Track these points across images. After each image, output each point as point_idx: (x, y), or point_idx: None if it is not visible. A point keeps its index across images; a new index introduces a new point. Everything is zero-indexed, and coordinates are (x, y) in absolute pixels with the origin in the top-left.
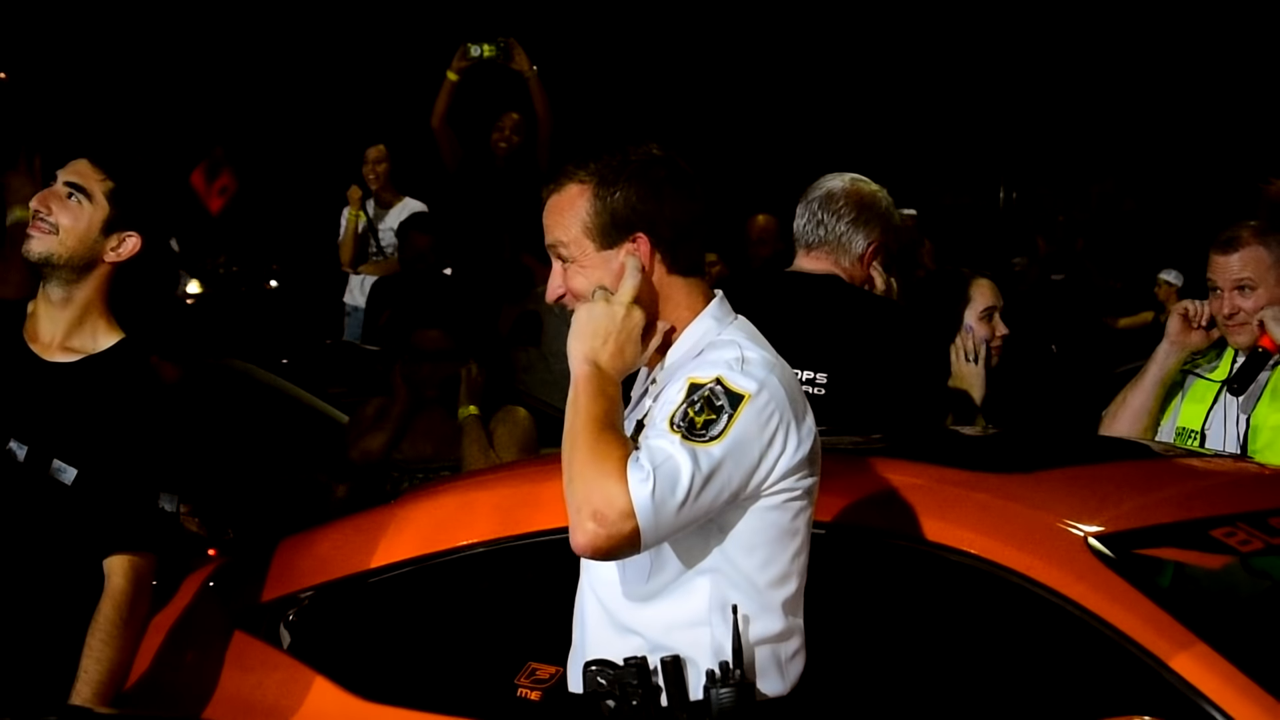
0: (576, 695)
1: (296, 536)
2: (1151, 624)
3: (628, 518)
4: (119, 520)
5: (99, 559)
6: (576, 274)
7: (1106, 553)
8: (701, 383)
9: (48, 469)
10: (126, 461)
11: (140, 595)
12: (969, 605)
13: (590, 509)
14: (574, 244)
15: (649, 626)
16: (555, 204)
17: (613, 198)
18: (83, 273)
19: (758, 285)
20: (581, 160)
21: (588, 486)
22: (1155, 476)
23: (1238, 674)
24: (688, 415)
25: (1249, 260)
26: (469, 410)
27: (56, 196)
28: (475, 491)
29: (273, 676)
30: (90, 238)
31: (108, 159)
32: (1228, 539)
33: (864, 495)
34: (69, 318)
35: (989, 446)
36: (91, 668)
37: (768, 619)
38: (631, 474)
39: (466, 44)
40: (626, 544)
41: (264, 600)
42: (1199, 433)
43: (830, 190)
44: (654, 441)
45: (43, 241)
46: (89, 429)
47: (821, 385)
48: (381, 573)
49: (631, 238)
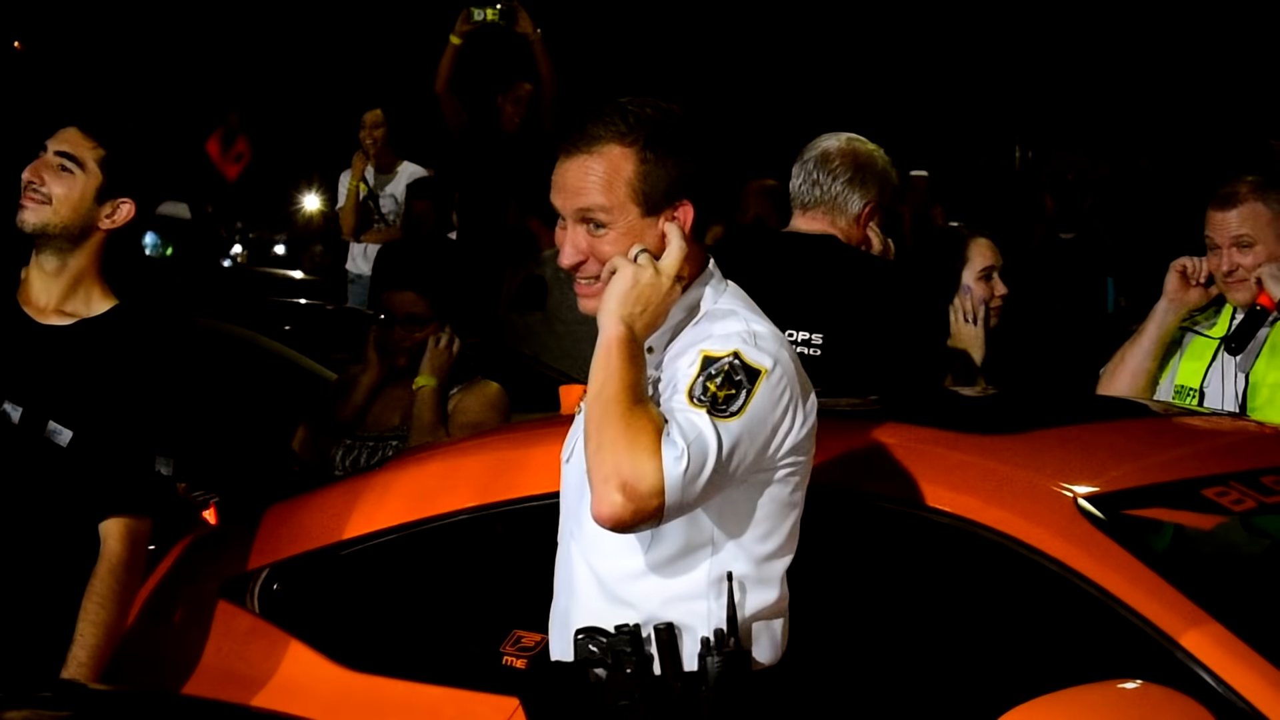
0: (563, 663)
1: (281, 504)
2: (1141, 586)
3: (657, 494)
4: (115, 483)
5: (94, 522)
6: (613, 240)
7: (1096, 514)
8: (717, 355)
9: (43, 431)
10: (123, 423)
11: (136, 559)
12: (957, 568)
13: (619, 480)
14: (617, 209)
15: (645, 599)
16: (590, 166)
17: (663, 160)
18: (77, 241)
19: (753, 245)
20: (611, 116)
21: (618, 457)
22: (1147, 436)
23: (1230, 636)
24: (708, 389)
25: (1247, 216)
26: (426, 382)
27: (48, 166)
28: (460, 458)
29: (257, 645)
30: (84, 206)
31: (98, 126)
32: (1220, 498)
33: (850, 457)
34: (63, 284)
35: (980, 407)
36: (87, 631)
37: (764, 590)
38: (666, 451)
39: (469, 7)
40: (650, 519)
41: (249, 568)
42: (1198, 390)
43: (826, 150)
44: (681, 415)
45: (36, 212)
46: (85, 390)
47: (817, 346)
48: (366, 540)
49: (677, 204)
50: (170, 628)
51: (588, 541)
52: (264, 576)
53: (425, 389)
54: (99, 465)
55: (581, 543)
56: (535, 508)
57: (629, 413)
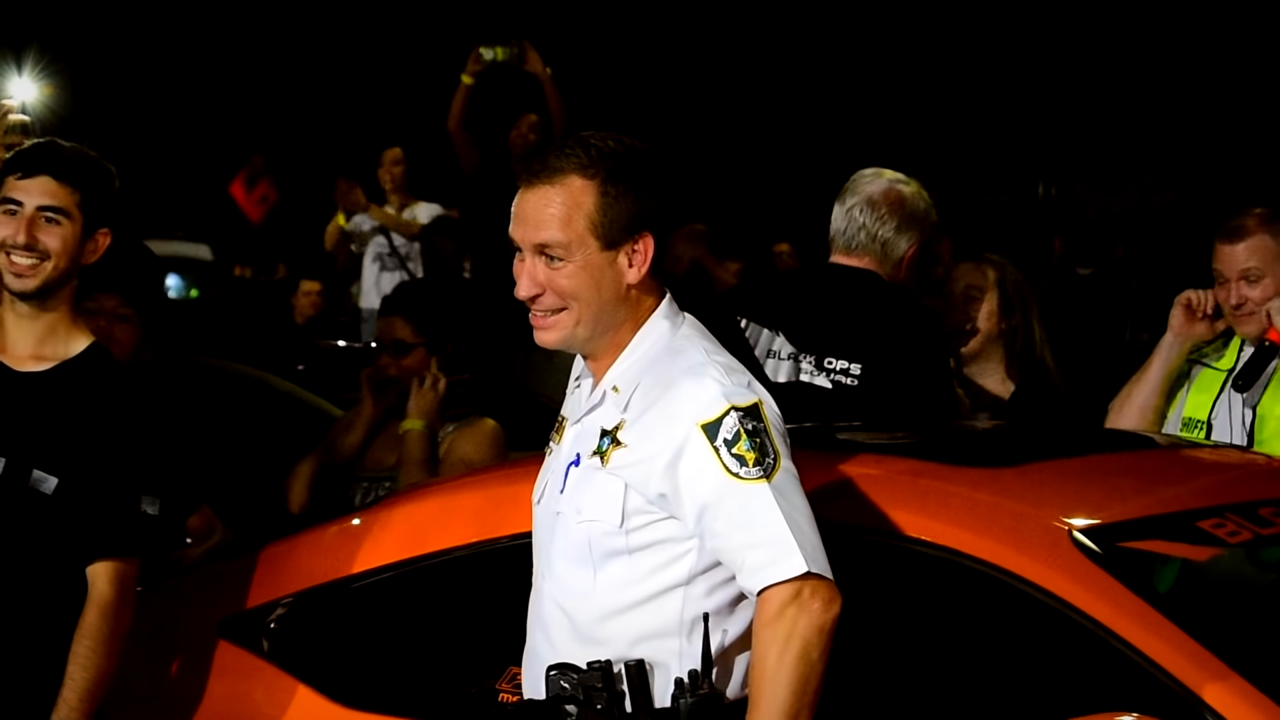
0: (535, 701)
1: (278, 542)
2: (1136, 619)
3: (824, 587)
4: (102, 526)
5: (82, 566)
6: (571, 273)
7: (1092, 546)
8: (715, 418)
9: (27, 480)
10: (108, 466)
11: (125, 600)
12: (952, 602)
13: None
14: (575, 243)
15: (616, 637)
16: (550, 197)
17: (623, 195)
18: (63, 285)
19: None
20: (574, 149)
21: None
22: (1144, 468)
23: (1225, 668)
24: (743, 459)
25: (1255, 249)
26: (412, 425)
27: (38, 225)
28: (454, 495)
29: (254, 684)
30: (75, 251)
31: (70, 170)
32: (1216, 530)
33: (840, 489)
34: (40, 329)
35: (979, 440)
36: (78, 675)
37: (736, 624)
38: (789, 571)
39: (479, 47)
40: (832, 593)
41: (246, 607)
42: (1205, 423)
43: (871, 196)
44: (756, 509)
45: (37, 272)
46: (67, 436)
47: (855, 376)
48: (362, 578)
49: (637, 237)
50: (167, 667)
51: (558, 582)
52: (262, 614)
53: (412, 432)
54: (85, 509)
55: (552, 583)
56: (527, 544)
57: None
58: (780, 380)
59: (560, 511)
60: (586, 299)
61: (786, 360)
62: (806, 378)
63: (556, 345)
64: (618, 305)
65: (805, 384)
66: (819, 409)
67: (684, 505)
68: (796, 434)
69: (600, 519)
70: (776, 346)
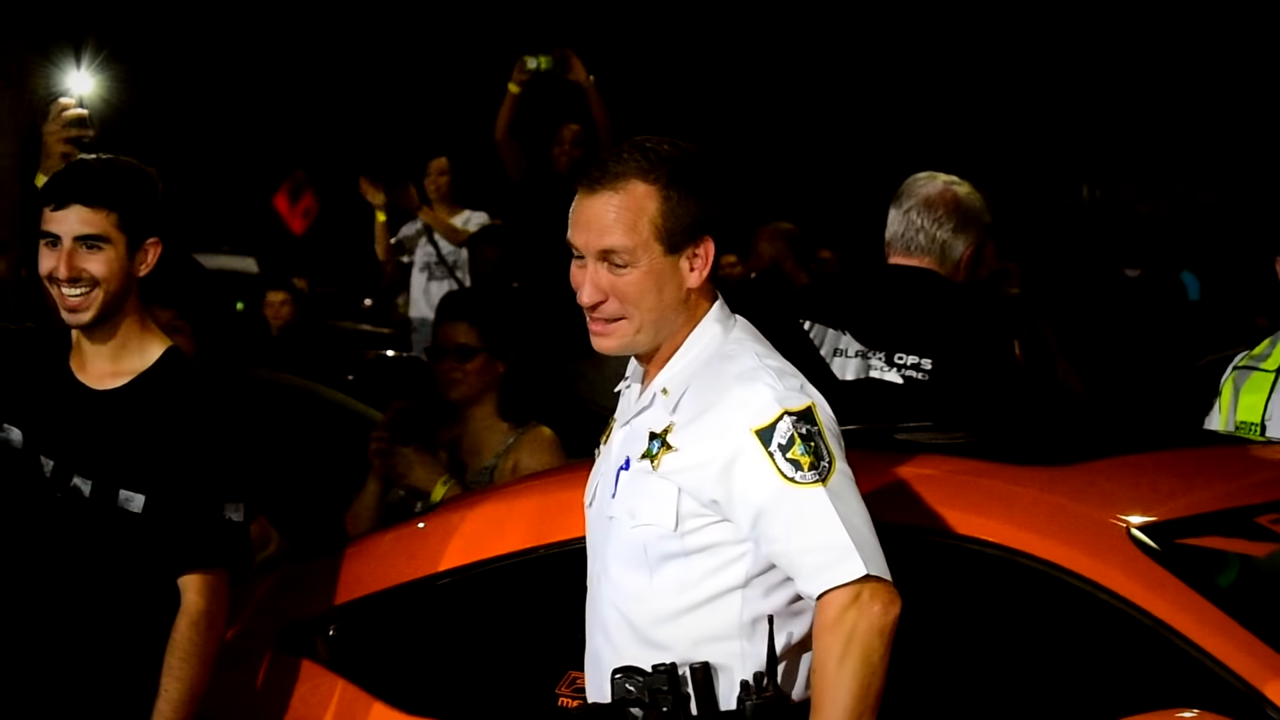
0: (600, 705)
1: (334, 551)
2: (1196, 615)
3: (884, 589)
4: (190, 538)
5: (173, 579)
6: (636, 280)
7: (1150, 544)
8: (768, 424)
9: (115, 500)
10: (192, 477)
11: (217, 610)
12: (1011, 602)
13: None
14: (640, 248)
15: (677, 640)
16: (613, 202)
17: (684, 197)
18: (123, 301)
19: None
20: (632, 153)
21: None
22: (1201, 464)
23: None
24: (798, 464)
25: None
26: (439, 491)
27: (78, 255)
28: (511, 500)
29: (313, 692)
30: (123, 270)
31: (99, 194)
32: (1273, 525)
33: (899, 489)
34: (113, 345)
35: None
36: (173, 687)
37: (798, 624)
38: (848, 574)
39: (523, 56)
40: (891, 595)
41: (305, 615)
42: (1259, 425)
43: (928, 197)
44: (810, 513)
45: (90, 304)
46: (150, 453)
47: (926, 371)
48: (420, 585)
49: (699, 241)
50: (229, 678)
51: (614, 586)
52: (321, 623)
53: (448, 493)
54: (172, 522)
55: (608, 586)
56: (584, 549)
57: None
58: (849, 378)
59: (613, 516)
60: (649, 304)
61: (855, 358)
62: (877, 374)
63: (615, 351)
64: (677, 310)
65: (876, 380)
66: (891, 405)
67: (738, 511)
68: (853, 435)
69: (655, 523)
70: (843, 345)
